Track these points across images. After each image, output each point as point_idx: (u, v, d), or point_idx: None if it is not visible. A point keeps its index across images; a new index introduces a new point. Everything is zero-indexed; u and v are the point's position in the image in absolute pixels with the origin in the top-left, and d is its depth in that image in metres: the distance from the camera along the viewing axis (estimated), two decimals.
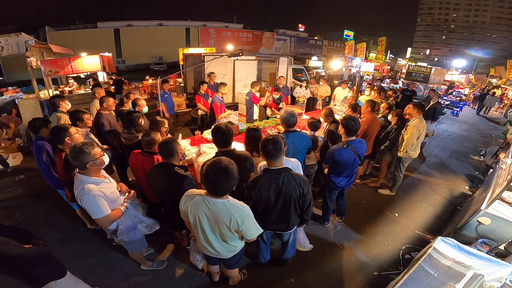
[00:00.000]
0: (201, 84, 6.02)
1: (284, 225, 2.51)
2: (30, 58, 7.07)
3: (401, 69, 27.15)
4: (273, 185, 2.21)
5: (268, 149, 2.15)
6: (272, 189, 2.22)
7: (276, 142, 2.15)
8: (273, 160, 2.22)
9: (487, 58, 60.72)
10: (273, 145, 2.14)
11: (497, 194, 2.95)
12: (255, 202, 2.29)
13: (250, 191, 2.25)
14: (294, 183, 2.23)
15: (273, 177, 2.21)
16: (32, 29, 21.77)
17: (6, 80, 17.51)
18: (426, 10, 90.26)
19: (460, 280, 2.24)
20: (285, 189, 2.22)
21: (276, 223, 2.47)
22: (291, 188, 2.23)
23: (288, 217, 2.43)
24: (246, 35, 32.81)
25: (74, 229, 3.60)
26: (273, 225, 2.49)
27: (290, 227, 2.57)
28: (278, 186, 2.21)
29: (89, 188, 2.04)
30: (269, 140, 2.17)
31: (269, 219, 2.41)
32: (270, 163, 2.25)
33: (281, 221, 2.46)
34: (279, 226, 2.52)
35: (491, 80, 24.11)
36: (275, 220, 2.43)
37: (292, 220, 2.48)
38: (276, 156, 2.19)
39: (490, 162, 6.44)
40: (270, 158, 2.21)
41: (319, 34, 52.13)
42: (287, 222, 2.47)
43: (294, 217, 2.47)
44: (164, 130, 3.26)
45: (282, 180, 2.20)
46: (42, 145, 3.03)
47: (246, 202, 1.98)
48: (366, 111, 4.34)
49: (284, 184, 2.21)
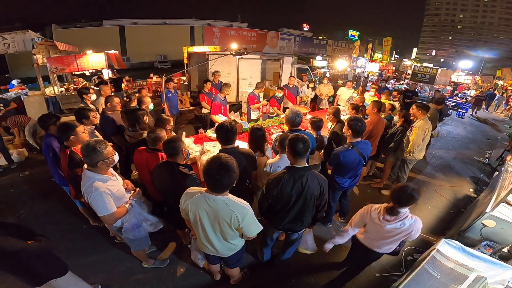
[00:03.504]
0: (205, 83, 6.05)
1: (299, 225, 2.49)
2: (36, 56, 7.14)
3: (406, 70, 26.98)
4: (297, 184, 2.21)
5: (298, 148, 2.17)
6: (295, 187, 2.22)
7: (305, 141, 2.18)
8: (300, 159, 2.23)
9: (494, 59, 60.01)
10: (303, 144, 2.17)
11: (503, 197, 2.93)
12: (274, 200, 2.29)
13: (272, 188, 2.24)
14: (317, 182, 2.25)
15: (298, 175, 2.21)
16: (38, 27, 22.02)
17: (12, 77, 17.58)
18: (432, 10, 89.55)
19: (463, 283, 2.23)
20: (308, 188, 2.22)
21: (291, 223, 2.46)
22: (314, 187, 2.24)
23: (304, 216, 2.42)
24: (251, 34, 32.78)
25: (77, 226, 3.62)
26: (288, 224, 2.47)
27: (304, 227, 2.56)
28: (301, 185, 2.21)
29: (97, 186, 2.06)
30: (299, 139, 2.18)
31: (284, 218, 2.40)
32: (296, 162, 2.25)
33: (296, 221, 2.45)
34: (294, 225, 2.50)
35: (497, 82, 23.87)
36: (291, 220, 2.42)
37: (306, 219, 2.48)
38: (304, 155, 2.21)
39: (495, 164, 6.38)
40: (298, 156, 2.22)
41: (324, 34, 51.94)
42: (302, 221, 2.47)
43: (309, 217, 2.47)
44: (169, 129, 3.28)
45: (306, 179, 2.21)
46: (50, 141, 3.05)
47: (263, 200, 1.96)
48: (372, 112, 4.31)
49: (308, 182, 2.21)
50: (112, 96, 4.08)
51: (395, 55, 53.92)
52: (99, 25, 27.02)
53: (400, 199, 2.10)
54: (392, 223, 2.18)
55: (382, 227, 2.23)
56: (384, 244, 2.35)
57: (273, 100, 6.03)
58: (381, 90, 7.24)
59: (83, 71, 8.23)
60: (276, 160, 2.77)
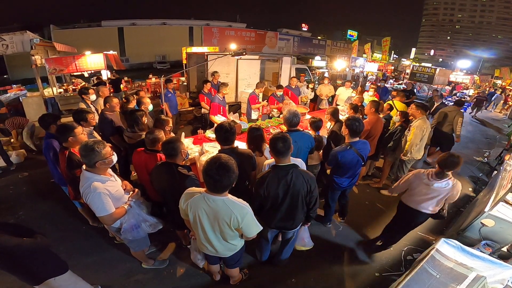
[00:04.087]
0: (204, 83, 6.04)
1: (290, 223, 2.51)
2: (35, 56, 7.12)
3: (405, 70, 27.02)
4: (282, 182, 2.23)
5: (278, 147, 2.19)
6: (280, 185, 2.24)
7: (285, 139, 2.20)
8: (282, 158, 2.25)
9: (492, 59, 60.16)
10: (283, 142, 2.19)
11: (501, 196, 2.94)
12: (263, 199, 2.30)
13: (258, 188, 2.27)
14: (302, 179, 2.26)
15: (282, 174, 2.24)
16: (37, 28, 21.98)
17: (10, 78, 17.61)
18: (431, 10, 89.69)
19: (463, 282, 2.22)
20: (293, 185, 2.24)
21: (282, 221, 2.48)
22: (299, 184, 2.25)
23: (294, 214, 2.44)
24: (249, 35, 32.85)
25: (76, 227, 3.62)
26: (280, 222, 2.49)
27: (296, 225, 2.57)
28: (286, 183, 2.23)
29: (95, 186, 2.06)
30: (279, 138, 2.21)
31: (275, 216, 2.42)
32: (279, 160, 2.28)
33: (287, 219, 2.47)
34: (285, 224, 2.52)
35: (495, 81, 23.93)
36: (282, 218, 2.44)
37: (298, 217, 2.49)
38: (285, 153, 2.23)
39: (494, 163, 6.39)
40: (279, 155, 2.24)
41: (323, 34, 52.03)
42: (293, 219, 2.48)
43: (300, 214, 2.48)
44: (168, 129, 3.27)
45: (291, 176, 2.23)
46: (49, 142, 3.05)
47: (253, 200, 1.98)
48: (370, 112, 4.32)
49: (293, 180, 2.23)
50: (111, 97, 4.07)
51: (393, 55, 53.97)
52: (97, 25, 26.99)
53: (446, 164, 2.64)
54: (439, 182, 2.72)
55: (430, 186, 2.76)
56: (430, 204, 2.86)
57: (272, 98, 5.99)
58: (379, 90, 7.25)
59: (81, 72, 8.21)
60: (273, 160, 2.77)
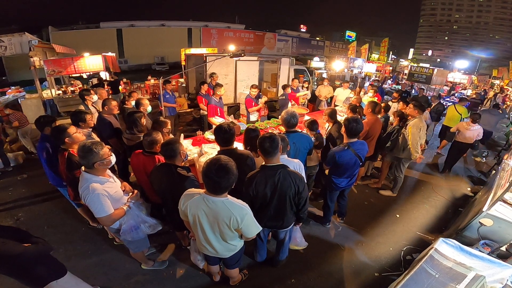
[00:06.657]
0: (202, 85, 6.02)
1: (280, 222, 2.53)
2: (33, 58, 7.15)
3: (403, 70, 27.08)
4: (269, 182, 2.25)
5: (265, 147, 2.21)
6: (268, 185, 2.25)
7: (272, 139, 2.21)
8: (270, 157, 2.27)
9: (490, 59, 60.40)
10: (270, 142, 2.20)
11: (499, 196, 2.94)
12: (252, 198, 2.32)
13: (247, 188, 2.29)
14: (290, 180, 2.26)
15: (269, 174, 2.25)
16: (35, 29, 21.85)
17: (9, 79, 17.56)
18: (428, 11, 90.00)
19: (462, 281, 2.24)
20: (280, 185, 2.25)
21: (272, 220, 2.49)
22: (287, 185, 2.26)
23: (283, 214, 2.45)
24: (248, 36, 32.85)
25: (75, 228, 3.62)
26: (270, 222, 2.51)
27: (286, 225, 2.58)
28: (274, 183, 2.25)
29: (94, 187, 2.06)
30: (266, 138, 2.22)
31: (265, 215, 2.43)
32: (267, 160, 2.30)
33: (277, 218, 2.48)
34: (275, 223, 2.54)
35: (493, 81, 23.99)
36: (271, 217, 2.45)
37: (287, 217, 2.50)
38: (273, 153, 2.24)
39: (493, 163, 6.42)
40: (267, 155, 2.26)
41: (321, 35, 51.91)
42: (282, 219, 2.50)
43: (290, 214, 2.49)
44: (167, 131, 3.27)
45: (278, 177, 2.24)
46: (43, 144, 3.06)
47: (243, 199, 1.99)
48: (368, 112, 4.34)
49: (280, 180, 2.24)
50: (110, 99, 4.07)
51: (392, 56, 54.08)
52: (96, 27, 26.86)
53: (475, 119, 5.36)
54: (474, 126, 5.35)
55: (469, 129, 5.38)
56: (469, 139, 5.46)
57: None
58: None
59: (80, 74, 8.21)
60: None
